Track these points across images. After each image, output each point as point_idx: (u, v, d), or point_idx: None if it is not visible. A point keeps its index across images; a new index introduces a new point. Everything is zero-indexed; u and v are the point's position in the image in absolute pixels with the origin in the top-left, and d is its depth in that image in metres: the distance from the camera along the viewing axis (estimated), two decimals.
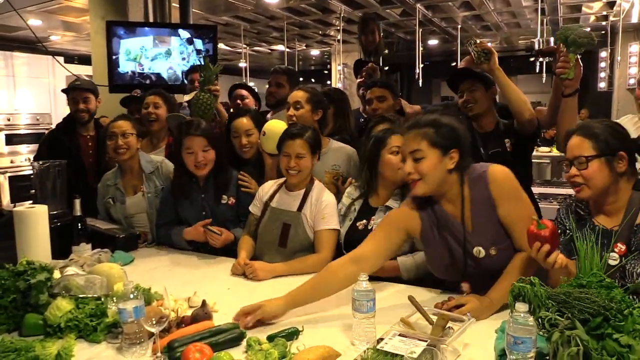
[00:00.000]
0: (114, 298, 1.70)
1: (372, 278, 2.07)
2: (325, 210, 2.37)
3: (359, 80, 3.80)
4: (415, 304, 1.67)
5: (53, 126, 3.77)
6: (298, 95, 2.78)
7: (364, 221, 2.33)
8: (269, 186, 2.57)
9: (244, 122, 2.85)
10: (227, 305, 1.91)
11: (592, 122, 1.83)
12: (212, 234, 2.51)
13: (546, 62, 7.36)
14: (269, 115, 3.57)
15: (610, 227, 1.76)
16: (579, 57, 2.28)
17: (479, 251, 1.82)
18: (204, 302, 1.80)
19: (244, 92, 3.90)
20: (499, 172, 1.82)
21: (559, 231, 1.78)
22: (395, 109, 3.17)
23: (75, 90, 3.49)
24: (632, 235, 1.72)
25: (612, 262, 1.69)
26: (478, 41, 2.68)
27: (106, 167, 3.16)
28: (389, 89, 3.19)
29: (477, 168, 1.86)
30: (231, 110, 3.76)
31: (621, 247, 1.70)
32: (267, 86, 3.79)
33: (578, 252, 1.44)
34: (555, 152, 7.23)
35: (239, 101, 3.85)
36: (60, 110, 8.04)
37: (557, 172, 7.34)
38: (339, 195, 2.53)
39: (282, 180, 2.55)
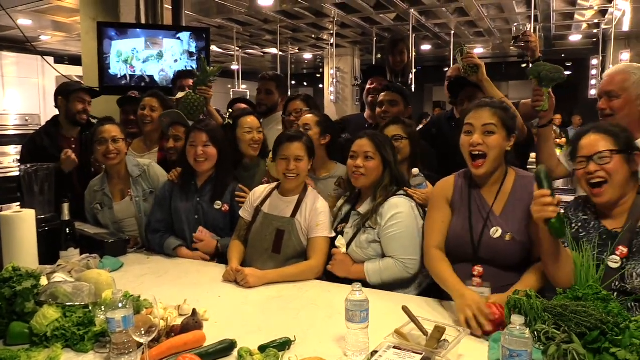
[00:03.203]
0: (102, 307, 1.66)
1: (341, 279, 2.21)
2: (320, 217, 2.35)
3: (368, 86, 3.78)
4: (409, 314, 1.65)
5: None
6: (308, 118, 2.80)
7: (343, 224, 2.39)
8: (261, 191, 2.54)
9: (255, 120, 2.94)
10: (218, 314, 1.88)
11: (603, 123, 1.99)
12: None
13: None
14: (260, 120, 3.55)
15: (613, 229, 1.78)
16: (550, 90, 2.38)
17: (497, 230, 1.96)
18: (194, 311, 1.77)
19: (243, 106, 3.88)
20: None
21: (567, 226, 1.85)
22: (404, 117, 3.13)
23: (83, 91, 3.47)
24: (634, 237, 1.73)
25: (612, 265, 1.72)
26: (466, 51, 2.68)
27: (94, 170, 3.12)
28: (402, 94, 3.17)
29: (528, 172, 2.09)
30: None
31: (623, 250, 1.72)
32: (257, 93, 3.78)
33: (575, 263, 1.44)
34: None
35: None
36: (49, 111, 7.97)
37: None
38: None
39: (274, 184, 2.52)
